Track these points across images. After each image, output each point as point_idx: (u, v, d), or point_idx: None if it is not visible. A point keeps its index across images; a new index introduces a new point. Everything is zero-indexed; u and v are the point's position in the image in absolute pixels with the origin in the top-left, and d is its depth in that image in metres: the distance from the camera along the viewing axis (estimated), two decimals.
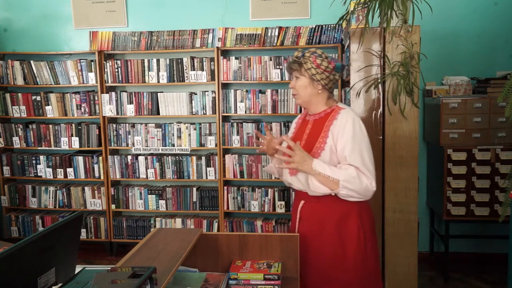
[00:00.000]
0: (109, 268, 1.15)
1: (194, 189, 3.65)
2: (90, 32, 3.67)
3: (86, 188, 3.76)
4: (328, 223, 1.72)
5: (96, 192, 3.75)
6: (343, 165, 1.67)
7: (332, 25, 3.35)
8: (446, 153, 3.01)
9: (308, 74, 1.73)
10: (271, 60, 3.44)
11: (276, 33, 3.43)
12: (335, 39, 3.37)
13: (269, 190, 3.53)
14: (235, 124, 3.54)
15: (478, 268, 3.31)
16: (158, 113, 3.62)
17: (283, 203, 3.52)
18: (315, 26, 3.39)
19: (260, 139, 1.93)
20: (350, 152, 1.65)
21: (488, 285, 3.06)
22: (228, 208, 3.60)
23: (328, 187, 1.66)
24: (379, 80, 2.41)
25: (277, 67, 3.43)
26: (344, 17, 2.72)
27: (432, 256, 3.56)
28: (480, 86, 3.14)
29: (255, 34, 3.46)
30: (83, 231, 3.75)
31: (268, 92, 3.47)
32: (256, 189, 3.56)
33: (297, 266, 1.73)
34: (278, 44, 3.43)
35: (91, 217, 3.77)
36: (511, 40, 3.35)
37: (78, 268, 1.33)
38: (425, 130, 3.44)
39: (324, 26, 3.37)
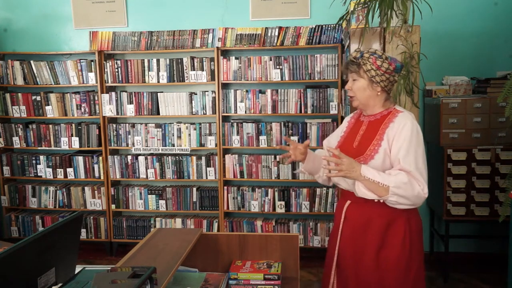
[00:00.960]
0: (109, 268, 1.15)
1: (194, 189, 3.65)
2: (90, 32, 3.67)
3: (86, 188, 3.76)
4: (374, 225, 1.67)
5: (96, 192, 3.75)
6: (393, 171, 1.60)
7: (332, 25, 3.35)
8: (446, 153, 3.01)
9: (367, 76, 1.66)
10: (271, 60, 3.44)
11: (276, 33, 3.43)
12: (335, 39, 3.37)
13: (269, 190, 3.53)
14: (235, 124, 3.54)
15: (478, 268, 3.31)
16: (158, 113, 3.62)
17: (283, 203, 3.52)
18: (315, 26, 3.39)
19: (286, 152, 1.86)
20: (405, 155, 1.59)
21: (488, 285, 3.06)
22: (228, 208, 3.60)
23: (376, 194, 1.59)
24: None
25: (277, 67, 3.43)
26: (344, 17, 2.72)
27: (432, 256, 3.56)
28: (480, 86, 3.14)
29: (255, 34, 3.46)
30: (83, 231, 3.75)
31: (268, 92, 3.47)
32: (256, 189, 3.56)
33: (297, 266, 1.73)
34: (278, 44, 3.43)
35: (91, 217, 3.77)
36: (511, 40, 3.35)
37: (78, 268, 1.33)
38: (425, 130, 3.44)
39: (324, 26, 3.37)
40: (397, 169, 1.61)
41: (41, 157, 3.78)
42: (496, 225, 2.86)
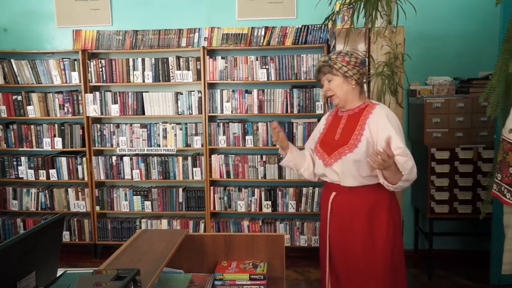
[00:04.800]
0: (92, 271, 1.13)
1: (180, 189, 3.62)
2: (73, 30, 3.60)
3: (70, 190, 3.69)
4: (360, 213, 1.79)
5: (80, 193, 3.69)
6: (399, 158, 1.70)
7: (318, 25, 3.37)
8: (430, 152, 3.05)
9: (340, 72, 1.82)
10: (257, 60, 3.43)
11: (263, 33, 3.43)
12: (321, 39, 3.38)
13: (256, 190, 3.53)
14: (221, 124, 3.52)
15: (461, 265, 3.36)
16: (143, 113, 3.58)
17: (269, 202, 3.52)
18: (301, 26, 3.40)
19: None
20: (397, 141, 1.72)
21: (471, 281, 3.12)
22: (214, 208, 3.58)
23: (388, 181, 1.71)
24: (364, 80, 2.43)
25: (264, 67, 3.43)
26: (330, 17, 2.73)
27: (417, 253, 3.61)
28: (463, 86, 3.20)
29: (242, 34, 3.45)
30: (67, 233, 3.68)
31: (255, 92, 3.46)
32: (243, 189, 3.55)
33: (283, 265, 1.73)
34: (264, 44, 3.43)
35: (75, 219, 3.71)
36: (493, 41, 3.41)
37: (60, 272, 1.30)
38: (409, 129, 3.48)
39: (310, 26, 3.38)
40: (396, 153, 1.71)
41: (23, 158, 3.69)
42: (479, 223, 2.91)
